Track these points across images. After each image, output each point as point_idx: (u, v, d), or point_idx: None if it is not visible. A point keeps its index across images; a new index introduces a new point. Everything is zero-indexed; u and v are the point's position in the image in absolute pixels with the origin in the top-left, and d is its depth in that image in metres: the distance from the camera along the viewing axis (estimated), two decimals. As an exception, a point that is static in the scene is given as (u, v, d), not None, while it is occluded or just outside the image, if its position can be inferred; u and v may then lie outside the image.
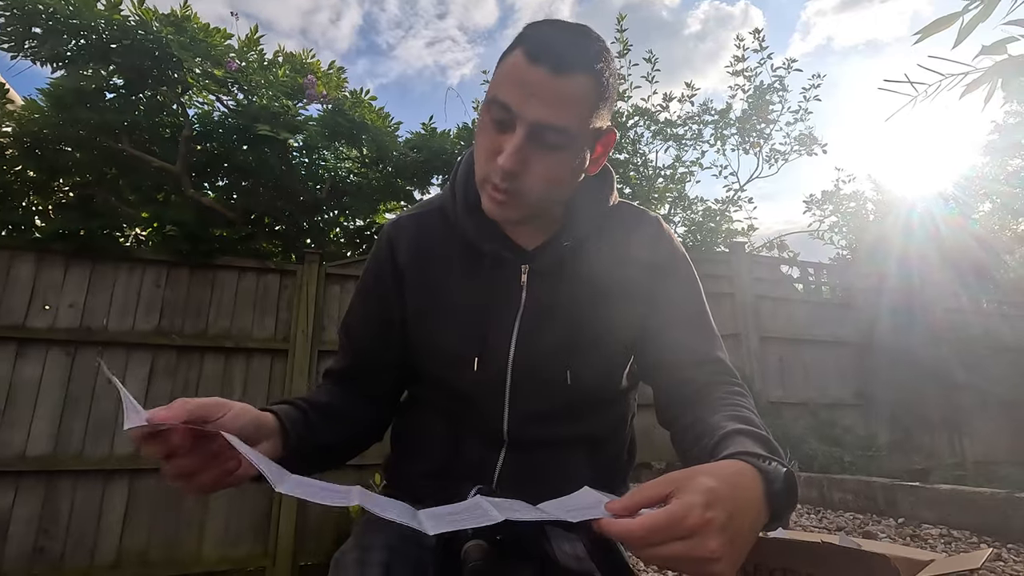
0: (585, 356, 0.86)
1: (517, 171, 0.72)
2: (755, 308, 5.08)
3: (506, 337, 0.85)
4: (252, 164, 3.83)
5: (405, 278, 0.90)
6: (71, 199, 3.59)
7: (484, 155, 0.75)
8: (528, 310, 0.86)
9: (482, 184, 0.77)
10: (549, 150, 0.73)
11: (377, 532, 0.83)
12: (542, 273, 0.87)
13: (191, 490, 0.63)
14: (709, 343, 0.86)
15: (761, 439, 0.63)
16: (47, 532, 2.91)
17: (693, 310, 0.89)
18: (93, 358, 3.19)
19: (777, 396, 4.92)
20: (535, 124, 0.70)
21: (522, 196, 0.75)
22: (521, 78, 0.71)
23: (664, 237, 0.93)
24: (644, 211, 0.96)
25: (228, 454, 0.64)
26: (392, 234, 0.93)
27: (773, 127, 6.24)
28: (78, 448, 3.06)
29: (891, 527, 2.29)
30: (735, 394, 0.78)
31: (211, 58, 3.47)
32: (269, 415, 0.74)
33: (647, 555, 0.49)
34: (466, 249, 0.88)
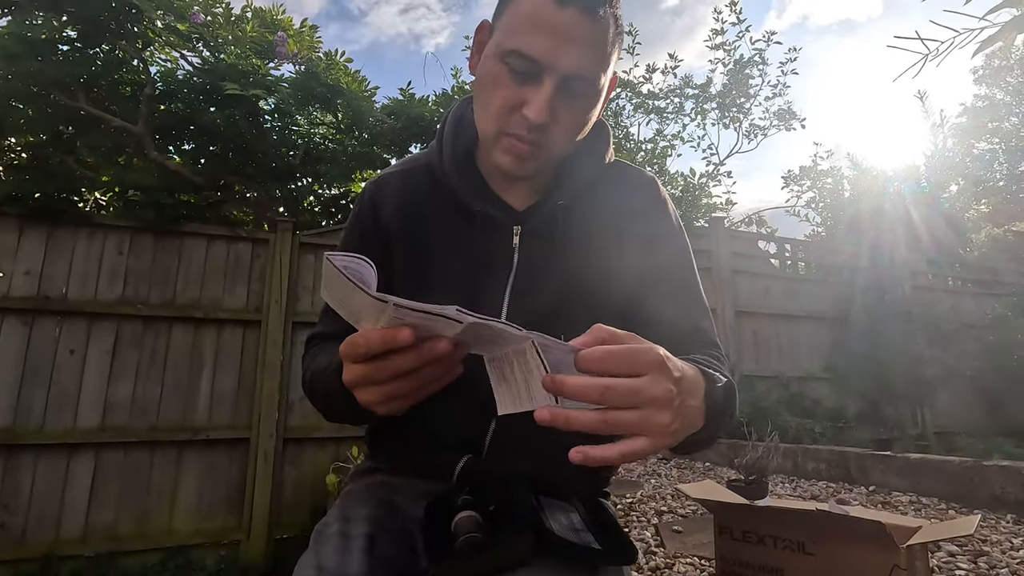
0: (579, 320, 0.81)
1: (546, 123, 0.68)
2: (732, 283, 5.13)
3: (497, 301, 0.80)
4: (220, 127, 3.64)
5: (391, 238, 0.84)
6: (24, 159, 3.37)
7: (501, 107, 0.69)
8: (520, 273, 0.81)
9: (496, 139, 0.72)
10: (575, 99, 0.69)
11: (360, 504, 0.79)
12: (535, 234, 0.82)
13: (410, 393, 0.53)
14: (695, 313, 0.83)
15: (710, 366, 0.62)
16: (7, 507, 2.80)
17: (682, 278, 0.85)
18: (52, 328, 3.04)
19: (751, 369, 5.02)
20: (567, 75, 0.66)
21: (547, 149, 0.71)
22: (548, 23, 0.65)
23: (660, 200, 0.89)
24: (641, 171, 0.92)
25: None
26: (375, 192, 0.87)
27: (753, 101, 6.23)
28: (39, 422, 2.93)
29: (863, 495, 2.36)
30: (710, 356, 0.76)
31: (174, 11, 3.26)
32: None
33: (601, 385, 0.45)
34: (455, 209, 0.83)
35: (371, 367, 0.51)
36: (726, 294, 5.10)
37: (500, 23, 0.72)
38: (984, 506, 2.08)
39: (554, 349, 0.47)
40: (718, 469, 3.06)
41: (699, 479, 2.88)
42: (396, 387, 0.52)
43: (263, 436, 3.27)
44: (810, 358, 5.41)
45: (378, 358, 0.50)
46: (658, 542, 1.70)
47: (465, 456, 0.81)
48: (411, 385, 0.53)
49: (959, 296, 6.40)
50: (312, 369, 0.79)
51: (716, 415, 0.56)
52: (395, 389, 0.52)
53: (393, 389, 0.52)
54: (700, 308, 0.85)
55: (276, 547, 3.20)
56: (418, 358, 0.49)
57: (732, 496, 1.15)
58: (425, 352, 0.49)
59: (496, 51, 0.70)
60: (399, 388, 0.52)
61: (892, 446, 4.67)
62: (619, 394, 0.46)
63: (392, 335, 0.47)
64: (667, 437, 0.48)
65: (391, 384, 0.52)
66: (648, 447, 0.48)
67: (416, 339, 0.48)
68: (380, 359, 0.50)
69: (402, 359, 0.49)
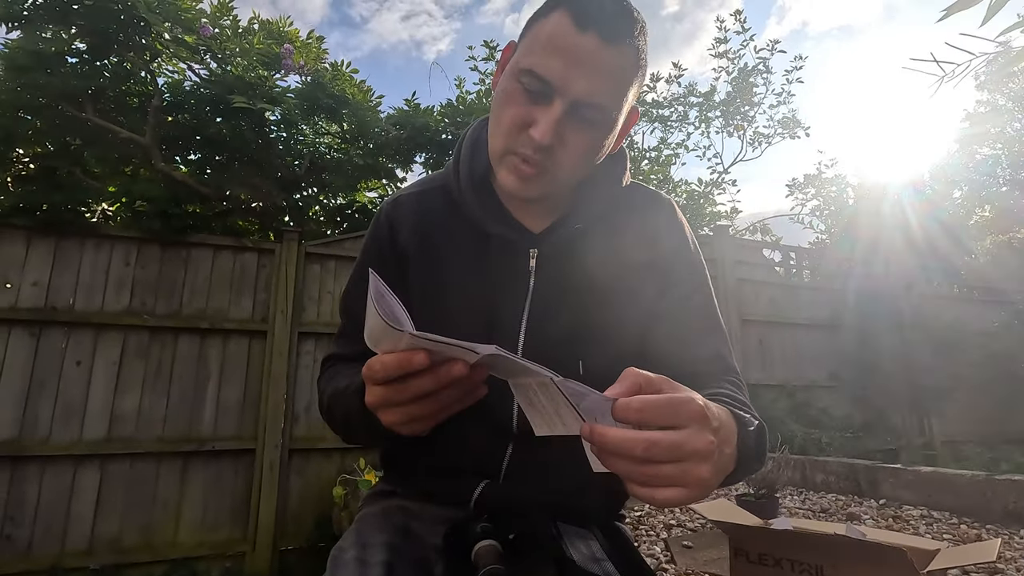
0: (597, 345, 0.81)
1: (552, 145, 0.67)
2: (737, 291, 5.11)
3: (515, 325, 0.80)
4: (227, 137, 3.66)
5: (407, 259, 0.84)
6: (32, 170, 3.38)
7: (510, 126, 0.69)
8: (537, 296, 0.81)
9: (503, 156, 0.71)
10: (585, 126, 0.68)
11: (377, 530, 0.78)
12: (551, 257, 0.82)
13: (431, 415, 0.54)
14: (715, 339, 0.82)
15: (737, 402, 0.62)
16: (13, 519, 2.80)
17: (700, 302, 0.85)
18: (60, 339, 3.04)
19: (756, 378, 4.99)
20: (577, 99, 0.65)
21: (552, 172, 0.70)
22: (566, 46, 0.65)
23: (677, 223, 0.89)
24: (658, 194, 0.92)
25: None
26: (392, 213, 0.87)
27: (757, 110, 6.24)
28: (45, 433, 2.93)
29: (873, 508, 2.34)
30: (729, 383, 0.75)
31: (182, 23, 3.28)
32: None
33: (645, 440, 0.44)
34: (471, 230, 0.82)
35: (391, 389, 0.52)
36: (731, 303, 5.08)
37: (522, 43, 0.72)
38: (996, 521, 2.06)
39: (588, 396, 0.47)
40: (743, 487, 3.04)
41: (707, 491, 2.86)
42: (416, 409, 0.53)
43: (268, 447, 3.27)
44: (815, 367, 5.38)
45: (398, 380, 0.51)
46: (668, 558, 1.69)
47: (483, 482, 0.81)
48: (432, 407, 0.53)
49: (964, 304, 6.38)
50: (330, 391, 0.78)
51: (747, 460, 0.55)
52: (416, 411, 0.53)
53: (414, 411, 0.53)
54: (719, 333, 0.84)
55: (281, 559, 3.19)
56: (435, 381, 0.50)
57: (747, 516, 1.14)
58: (442, 375, 0.50)
59: (512, 69, 0.71)
60: (419, 410, 0.53)
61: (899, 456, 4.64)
62: (662, 450, 0.45)
63: (408, 359, 0.49)
64: (706, 489, 0.47)
65: (411, 406, 0.53)
66: (686, 498, 0.47)
67: (432, 363, 0.49)
68: (399, 382, 0.51)
69: (420, 382, 0.51)
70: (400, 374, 0.50)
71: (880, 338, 5.52)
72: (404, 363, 0.49)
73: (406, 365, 0.49)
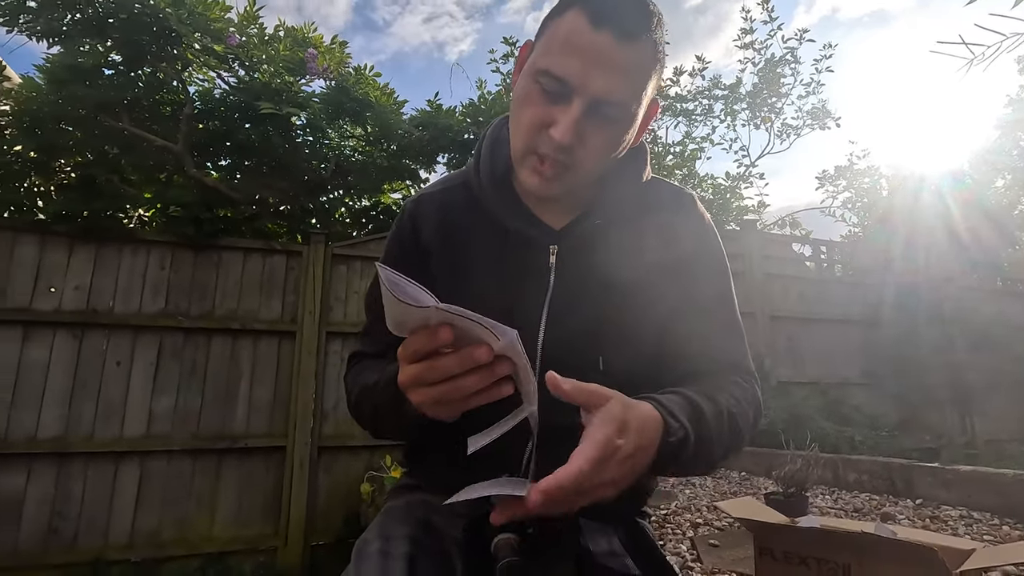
0: (617, 341, 0.81)
1: (572, 145, 0.68)
2: (765, 287, 5.01)
3: (535, 321, 0.80)
4: (255, 143, 3.75)
5: (430, 256, 0.85)
6: (73, 179, 3.53)
7: (529, 126, 0.70)
8: (557, 293, 0.81)
9: (524, 156, 0.72)
10: (605, 123, 0.68)
11: (400, 523, 0.80)
12: (572, 253, 0.82)
13: (457, 399, 0.57)
14: (728, 338, 0.82)
15: (691, 404, 0.64)
16: (60, 513, 2.93)
17: (718, 301, 0.85)
18: (100, 340, 3.17)
19: (786, 375, 4.89)
20: (596, 98, 0.65)
21: (573, 170, 0.71)
22: (582, 45, 0.65)
23: (698, 218, 0.88)
24: (680, 189, 0.91)
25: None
26: (415, 211, 0.89)
27: (785, 101, 6.09)
28: (88, 430, 3.06)
29: (909, 508, 2.27)
30: (731, 383, 0.76)
31: (211, 32, 3.37)
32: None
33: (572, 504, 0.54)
34: (492, 227, 0.83)
35: (422, 367, 0.55)
36: (759, 298, 4.99)
37: (539, 42, 0.73)
38: (1041, 522, 1.98)
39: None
40: (755, 479, 2.99)
41: (735, 490, 2.82)
42: (443, 390, 0.56)
43: (298, 444, 3.34)
44: (847, 363, 5.24)
45: (427, 359, 0.55)
46: (694, 556, 1.67)
47: (504, 475, 0.81)
48: (457, 392, 0.56)
49: (1008, 298, 6.12)
50: (359, 387, 0.81)
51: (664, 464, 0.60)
52: (442, 392, 0.56)
53: (441, 392, 0.56)
54: (736, 333, 0.84)
55: (312, 554, 3.26)
56: (460, 362, 0.53)
57: (773, 515, 1.13)
58: (465, 358, 0.53)
59: (530, 69, 0.71)
60: (446, 392, 0.56)
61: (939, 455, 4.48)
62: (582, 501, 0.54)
63: (434, 332, 0.52)
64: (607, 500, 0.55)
65: (439, 387, 0.56)
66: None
67: (457, 342, 0.53)
68: (429, 360, 0.54)
69: (446, 362, 0.54)
70: (429, 349, 0.54)
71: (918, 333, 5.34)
72: (431, 337, 0.52)
73: (433, 339, 0.52)
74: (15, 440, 2.93)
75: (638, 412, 0.56)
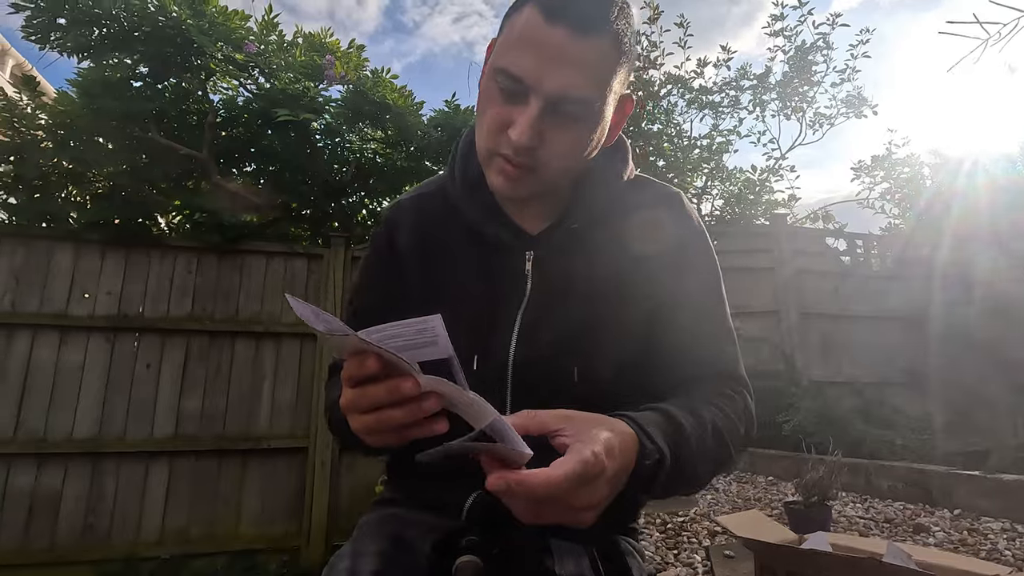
0: (595, 350, 0.78)
1: (533, 146, 0.65)
2: (796, 283, 4.84)
3: (507, 331, 0.78)
4: (277, 149, 3.82)
5: (405, 263, 0.84)
6: (105, 189, 3.66)
7: (491, 127, 0.68)
8: (532, 300, 0.78)
9: (489, 158, 0.70)
10: (567, 121, 0.65)
11: (371, 539, 0.79)
12: (548, 259, 0.79)
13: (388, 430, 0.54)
14: (718, 341, 0.78)
15: (670, 421, 0.61)
16: (94, 510, 3.04)
17: (706, 305, 0.80)
18: (131, 344, 3.28)
19: (819, 375, 4.71)
20: (553, 96, 0.62)
21: (537, 172, 0.68)
22: (536, 41, 0.62)
23: (684, 217, 0.84)
24: (664, 186, 0.87)
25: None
26: (392, 218, 0.88)
27: (817, 89, 5.86)
28: (120, 431, 3.17)
29: (945, 519, 2.13)
30: (719, 394, 0.71)
31: (231, 42, 3.45)
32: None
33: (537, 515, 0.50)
34: (468, 234, 0.82)
35: (355, 393, 0.53)
36: (790, 295, 4.82)
37: (499, 40, 0.70)
38: (1094, 536, 1.83)
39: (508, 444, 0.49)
40: (781, 484, 2.88)
41: (760, 496, 2.71)
42: (373, 420, 0.53)
43: (320, 445, 3.39)
44: (887, 362, 5.01)
45: (360, 386, 0.52)
46: (707, 568, 1.61)
47: (475, 492, 0.79)
48: (385, 422, 0.53)
49: (1064, 291, 5.72)
50: (329, 401, 0.81)
51: (640, 487, 0.57)
52: (372, 422, 0.53)
53: (371, 421, 0.54)
54: (723, 337, 0.80)
55: (334, 553, 3.29)
56: (388, 393, 0.51)
57: (777, 529, 1.06)
58: (392, 388, 0.50)
59: (490, 68, 0.69)
60: (375, 422, 0.53)
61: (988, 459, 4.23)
62: (547, 514, 0.50)
63: (359, 359, 0.50)
64: (584, 526, 0.52)
65: (369, 416, 0.53)
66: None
67: (386, 371, 0.50)
68: (362, 387, 0.52)
69: (375, 390, 0.51)
70: (359, 375, 0.51)
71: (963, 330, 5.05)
72: (360, 364, 0.50)
73: (361, 366, 0.50)
74: (53, 440, 3.06)
75: (619, 429, 0.54)
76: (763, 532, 1.03)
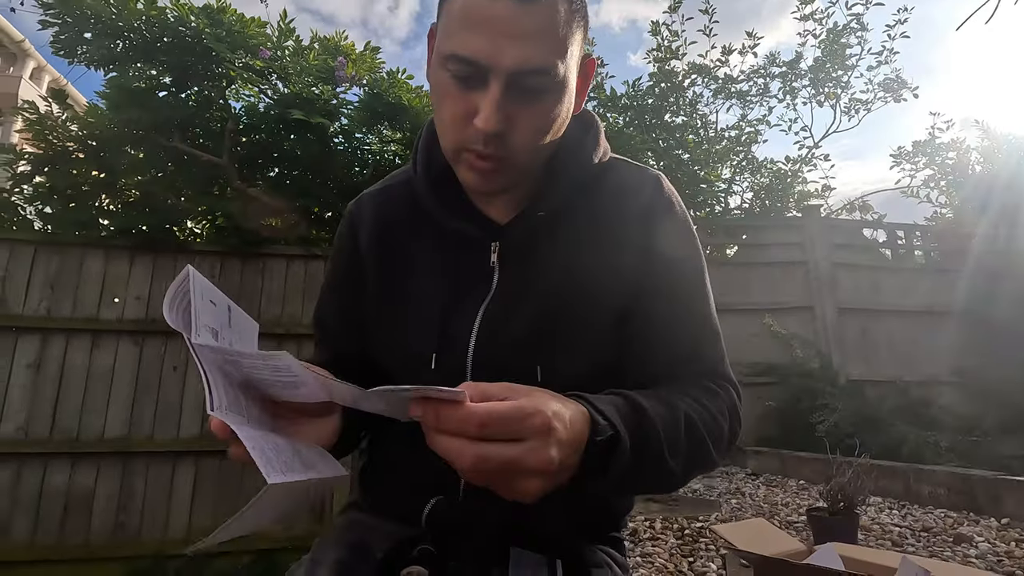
0: (560, 348, 0.72)
1: (502, 131, 0.60)
2: (832, 277, 4.61)
3: (466, 328, 0.73)
4: (297, 153, 3.87)
5: (366, 259, 0.80)
6: (134, 197, 3.79)
7: (453, 120, 0.63)
8: (497, 296, 0.73)
9: (457, 154, 0.66)
10: (532, 97, 0.61)
11: (330, 547, 0.77)
12: (514, 251, 0.74)
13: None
14: (697, 336, 0.71)
15: (630, 404, 0.56)
16: (125, 508, 3.14)
17: (683, 297, 0.73)
18: (159, 347, 3.37)
19: (858, 373, 4.47)
20: (513, 71, 0.58)
21: (511, 159, 0.64)
22: (481, 18, 0.58)
23: (663, 201, 0.77)
24: (641, 168, 0.81)
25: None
26: (355, 213, 0.85)
27: (852, 73, 5.59)
28: (148, 431, 3.26)
29: (991, 529, 1.96)
30: (697, 388, 0.66)
31: (248, 49, 3.50)
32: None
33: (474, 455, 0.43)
34: (432, 227, 0.78)
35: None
36: (825, 291, 4.60)
37: (440, 26, 0.65)
38: None
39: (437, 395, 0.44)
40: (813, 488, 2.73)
41: (788, 500, 2.58)
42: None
43: (340, 446, 3.40)
44: (934, 359, 4.72)
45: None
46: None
47: (434, 499, 0.75)
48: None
49: None
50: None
51: (604, 468, 0.51)
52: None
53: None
54: (705, 330, 0.73)
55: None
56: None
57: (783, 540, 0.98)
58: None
59: (437, 57, 0.64)
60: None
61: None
62: (493, 465, 0.43)
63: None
64: (532, 499, 0.47)
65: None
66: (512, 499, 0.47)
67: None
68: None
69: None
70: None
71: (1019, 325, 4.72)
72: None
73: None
74: (86, 440, 3.16)
75: (570, 405, 0.51)
76: (766, 543, 0.95)
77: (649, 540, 1.94)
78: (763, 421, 4.24)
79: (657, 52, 5.27)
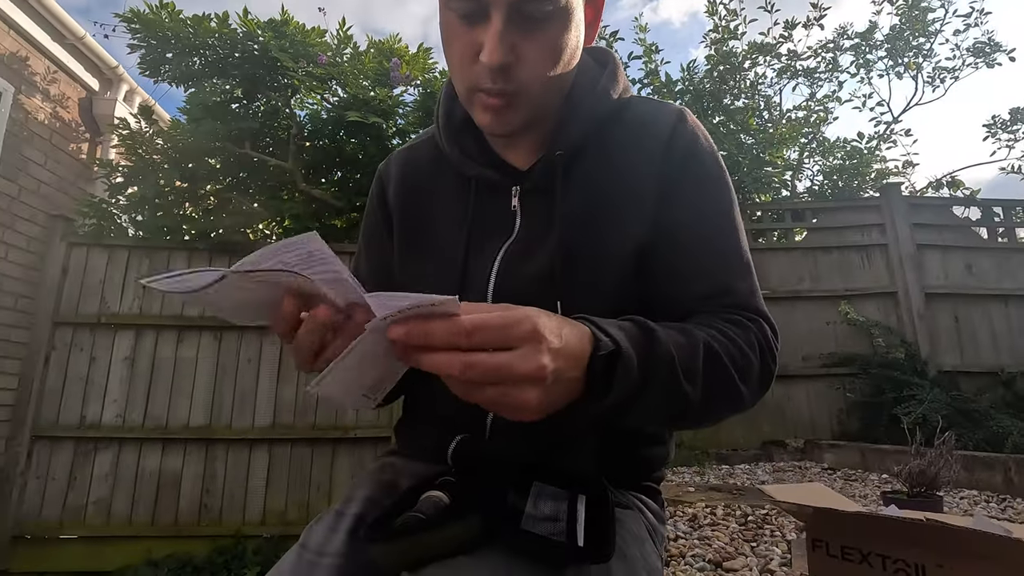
0: (580, 283, 0.71)
1: (508, 63, 0.60)
2: (916, 260, 4.24)
3: (487, 267, 0.73)
4: (358, 156, 4.05)
5: (394, 213, 0.82)
6: (213, 203, 4.09)
7: (462, 60, 0.63)
8: (519, 237, 0.73)
9: (469, 97, 0.65)
10: (537, 25, 0.60)
11: (362, 487, 0.80)
12: (534, 193, 0.73)
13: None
14: (727, 270, 0.67)
15: (638, 325, 0.54)
16: (208, 491, 3.37)
17: (715, 228, 0.69)
18: (235, 341, 3.61)
19: (952, 364, 4.08)
20: (512, 1, 0.57)
21: (523, 93, 0.62)
22: None
23: (685, 133, 0.73)
24: (663, 103, 0.78)
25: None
26: (384, 171, 0.87)
27: (935, 40, 5.14)
28: (227, 419, 3.49)
29: (1111, 521, 1.73)
30: (723, 320, 0.62)
31: (310, 57, 3.70)
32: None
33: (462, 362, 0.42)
34: (456, 178, 0.78)
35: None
36: (909, 274, 4.24)
37: None
38: None
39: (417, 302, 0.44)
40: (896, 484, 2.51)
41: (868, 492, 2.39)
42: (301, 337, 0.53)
43: (401, 435, 3.50)
44: (1041, 348, 4.23)
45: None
46: (785, 561, 1.42)
47: (459, 436, 0.76)
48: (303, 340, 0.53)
49: None
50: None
51: (608, 385, 0.49)
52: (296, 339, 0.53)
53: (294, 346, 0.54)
54: (733, 261, 0.69)
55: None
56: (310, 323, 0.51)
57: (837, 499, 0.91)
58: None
59: (442, 1, 0.65)
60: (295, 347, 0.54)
61: None
62: (480, 372, 0.43)
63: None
64: (532, 414, 0.45)
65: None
66: (515, 418, 0.46)
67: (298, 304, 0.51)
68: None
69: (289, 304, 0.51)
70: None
71: None
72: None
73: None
74: (173, 427, 3.43)
75: (571, 321, 0.49)
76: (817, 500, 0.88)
77: (709, 526, 1.85)
78: (841, 414, 3.96)
79: (714, 33, 5.08)
